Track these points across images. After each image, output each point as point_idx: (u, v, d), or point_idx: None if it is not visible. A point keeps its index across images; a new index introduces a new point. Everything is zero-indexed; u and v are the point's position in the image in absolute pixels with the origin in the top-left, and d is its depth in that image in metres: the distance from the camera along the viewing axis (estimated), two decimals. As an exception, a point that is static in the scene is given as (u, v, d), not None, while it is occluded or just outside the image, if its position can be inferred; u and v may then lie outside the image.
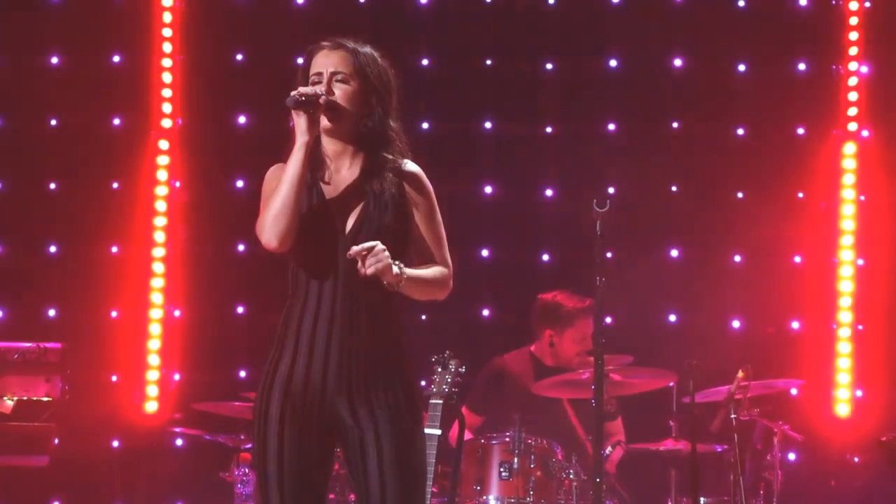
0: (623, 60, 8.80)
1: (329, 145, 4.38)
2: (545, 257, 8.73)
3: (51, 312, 8.63)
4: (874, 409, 8.42)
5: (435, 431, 5.93)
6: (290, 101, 4.27)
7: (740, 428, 6.88)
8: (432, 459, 5.86)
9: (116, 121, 8.78)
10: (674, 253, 8.67)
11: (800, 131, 8.75)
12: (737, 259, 8.67)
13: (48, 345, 7.79)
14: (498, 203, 8.73)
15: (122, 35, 8.77)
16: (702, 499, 7.04)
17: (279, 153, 4.38)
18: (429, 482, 5.84)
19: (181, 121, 8.80)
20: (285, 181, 4.25)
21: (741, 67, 8.79)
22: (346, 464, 4.30)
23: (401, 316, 4.34)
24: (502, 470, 6.77)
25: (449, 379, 6.04)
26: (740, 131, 8.76)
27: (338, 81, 4.34)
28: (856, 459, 8.46)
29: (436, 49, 8.79)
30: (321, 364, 4.22)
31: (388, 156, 4.38)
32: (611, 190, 8.43)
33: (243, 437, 7.33)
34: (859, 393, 8.51)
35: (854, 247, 8.56)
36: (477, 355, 7.59)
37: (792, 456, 8.29)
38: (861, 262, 8.59)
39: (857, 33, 8.68)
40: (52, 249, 8.69)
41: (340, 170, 4.37)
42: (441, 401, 6.01)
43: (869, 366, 8.51)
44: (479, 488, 6.80)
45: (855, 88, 8.64)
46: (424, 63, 8.73)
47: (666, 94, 8.76)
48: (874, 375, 8.51)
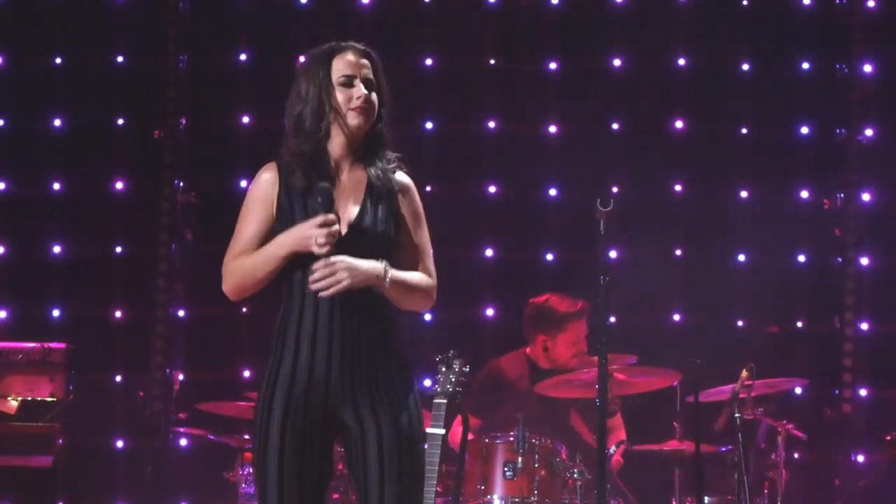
0: (626, 60, 8.80)
1: (333, 150, 4.37)
2: (549, 257, 8.72)
3: (55, 312, 8.64)
4: (878, 408, 8.42)
5: (439, 431, 5.91)
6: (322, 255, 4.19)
7: (744, 427, 6.86)
8: (436, 459, 5.85)
9: (120, 120, 8.80)
10: (678, 252, 8.67)
11: (804, 130, 8.75)
12: (741, 258, 8.67)
13: (52, 345, 7.77)
14: (501, 202, 8.72)
15: (126, 35, 8.78)
16: (706, 498, 7.03)
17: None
18: (433, 481, 5.84)
19: (185, 120, 8.80)
20: (269, 256, 4.31)
21: (745, 66, 8.78)
22: (347, 463, 4.30)
23: (401, 316, 4.34)
24: (506, 469, 6.74)
25: (453, 378, 6.02)
26: (744, 130, 8.76)
27: (371, 90, 4.33)
28: (860, 458, 8.45)
29: (439, 49, 8.79)
30: (324, 364, 4.22)
31: (386, 164, 4.38)
32: (614, 189, 8.42)
33: (247, 437, 7.32)
34: (863, 392, 8.50)
35: (858, 246, 8.56)
36: (480, 355, 7.59)
37: (796, 455, 8.28)
38: (865, 261, 8.59)
39: (862, 32, 8.68)
40: (57, 249, 8.70)
41: (339, 175, 4.37)
42: (445, 400, 5.99)
43: (873, 364, 8.51)
44: (484, 487, 6.78)
45: (859, 87, 8.64)
46: (428, 63, 8.72)
47: (669, 94, 8.76)
48: (878, 374, 8.51)
